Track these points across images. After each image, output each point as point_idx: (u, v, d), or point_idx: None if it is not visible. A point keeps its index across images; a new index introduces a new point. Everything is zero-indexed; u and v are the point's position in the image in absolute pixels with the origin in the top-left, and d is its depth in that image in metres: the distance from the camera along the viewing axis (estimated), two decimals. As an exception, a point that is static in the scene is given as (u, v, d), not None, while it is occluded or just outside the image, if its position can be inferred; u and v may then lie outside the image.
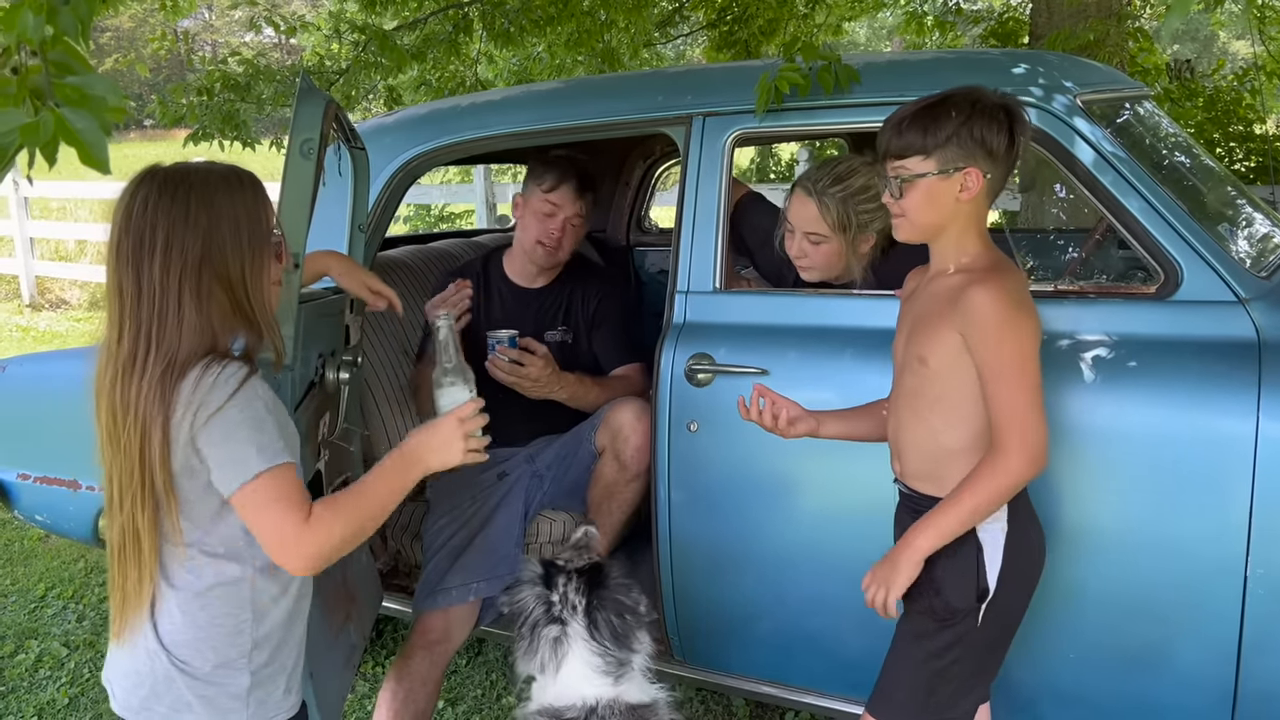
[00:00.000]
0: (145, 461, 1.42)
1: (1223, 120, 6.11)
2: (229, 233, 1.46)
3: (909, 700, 1.81)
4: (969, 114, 1.68)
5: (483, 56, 7.10)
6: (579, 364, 2.89)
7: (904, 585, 1.72)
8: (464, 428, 1.63)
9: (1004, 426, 1.64)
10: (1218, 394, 1.85)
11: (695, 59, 12.95)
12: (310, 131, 1.90)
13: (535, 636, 1.81)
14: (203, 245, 1.43)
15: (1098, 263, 2.68)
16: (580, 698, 1.76)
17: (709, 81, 2.61)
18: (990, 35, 6.81)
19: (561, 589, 1.84)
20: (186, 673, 1.51)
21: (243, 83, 5.33)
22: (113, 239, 1.44)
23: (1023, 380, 1.63)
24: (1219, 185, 2.55)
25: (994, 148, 1.68)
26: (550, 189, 2.82)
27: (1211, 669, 1.90)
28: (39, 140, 0.91)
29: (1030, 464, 1.64)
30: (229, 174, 1.51)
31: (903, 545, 1.73)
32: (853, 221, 2.40)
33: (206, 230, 1.44)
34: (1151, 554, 1.91)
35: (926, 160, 1.70)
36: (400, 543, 2.88)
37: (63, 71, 0.96)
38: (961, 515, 1.68)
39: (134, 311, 1.42)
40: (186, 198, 1.43)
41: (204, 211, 1.44)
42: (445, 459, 1.63)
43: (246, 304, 1.48)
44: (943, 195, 1.70)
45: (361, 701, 2.92)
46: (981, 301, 1.64)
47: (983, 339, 1.65)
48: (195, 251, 1.43)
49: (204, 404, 1.41)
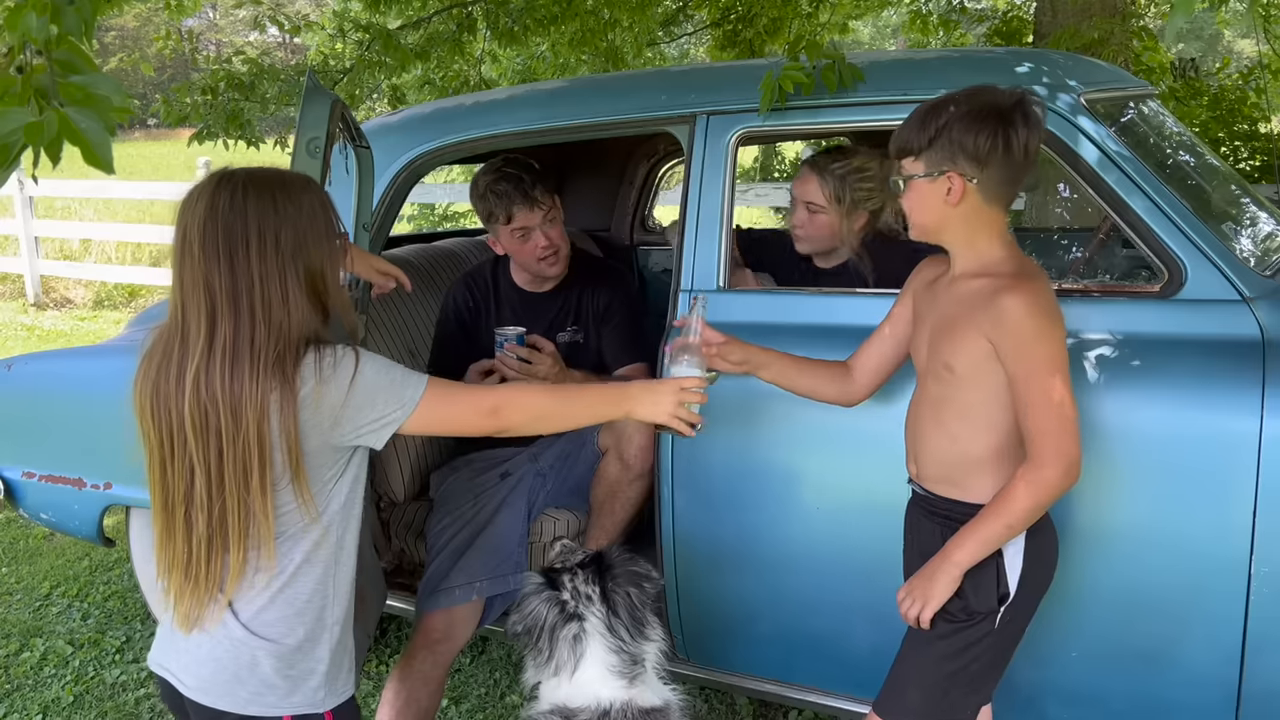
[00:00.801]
0: (263, 445, 1.46)
1: (1227, 119, 6.10)
2: (309, 225, 1.53)
3: (922, 701, 1.80)
4: (954, 117, 1.65)
5: (487, 56, 7.10)
6: (588, 363, 2.89)
7: (941, 599, 1.72)
8: (682, 395, 1.77)
9: (1038, 438, 1.63)
10: (1222, 393, 1.85)
11: (699, 59, 12.94)
12: (316, 130, 1.91)
13: (554, 641, 1.80)
14: (294, 236, 1.51)
15: (1102, 262, 2.68)
16: (595, 699, 1.76)
17: (713, 80, 2.61)
18: (994, 34, 6.80)
19: (570, 585, 1.84)
20: (273, 653, 1.57)
21: (247, 82, 5.32)
22: (192, 237, 1.49)
23: (1055, 390, 1.62)
24: (1223, 184, 2.55)
25: (977, 152, 1.63)
26: (508, 220, 2.75)
27: (1215, 667, 1.90)
28: (43, 140, 0.91)
29: (1065, 475, 1.62)
30: (299, 176, 1.63)
31: (941, 560, 1.72)
32: (847, 196, 2.60)
33: (295, 222, 1.51)
34: (1156, 553, 1.91)
35: (916, 161, 1.70)
36: (404, 541, 2.89)
37: (67, 71, 0.96)
38: (1000, 530, 1.67)
39: (231, 302, 1.47)
40: (272, 194, 1.51)
41: (290, 205, 1.51)
42: (653, 413, 1.77)
43: (325, 290, 1.56)
44: (931, 197, 1.70)
45: (365, 700, 2.92)
46: (1015, 310, 1.62)
47: (1016, 348, 1.63)
48: (289, 241, 1.50)
49: (335, 380, 1.49)
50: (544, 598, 1.83)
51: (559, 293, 2.92)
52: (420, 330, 3.08)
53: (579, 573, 1.86)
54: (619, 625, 1.79)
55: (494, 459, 2.81)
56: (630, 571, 1.87)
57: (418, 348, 3.05)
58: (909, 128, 1.71)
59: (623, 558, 1.90)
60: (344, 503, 1.60)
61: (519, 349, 2.63)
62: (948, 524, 1.77)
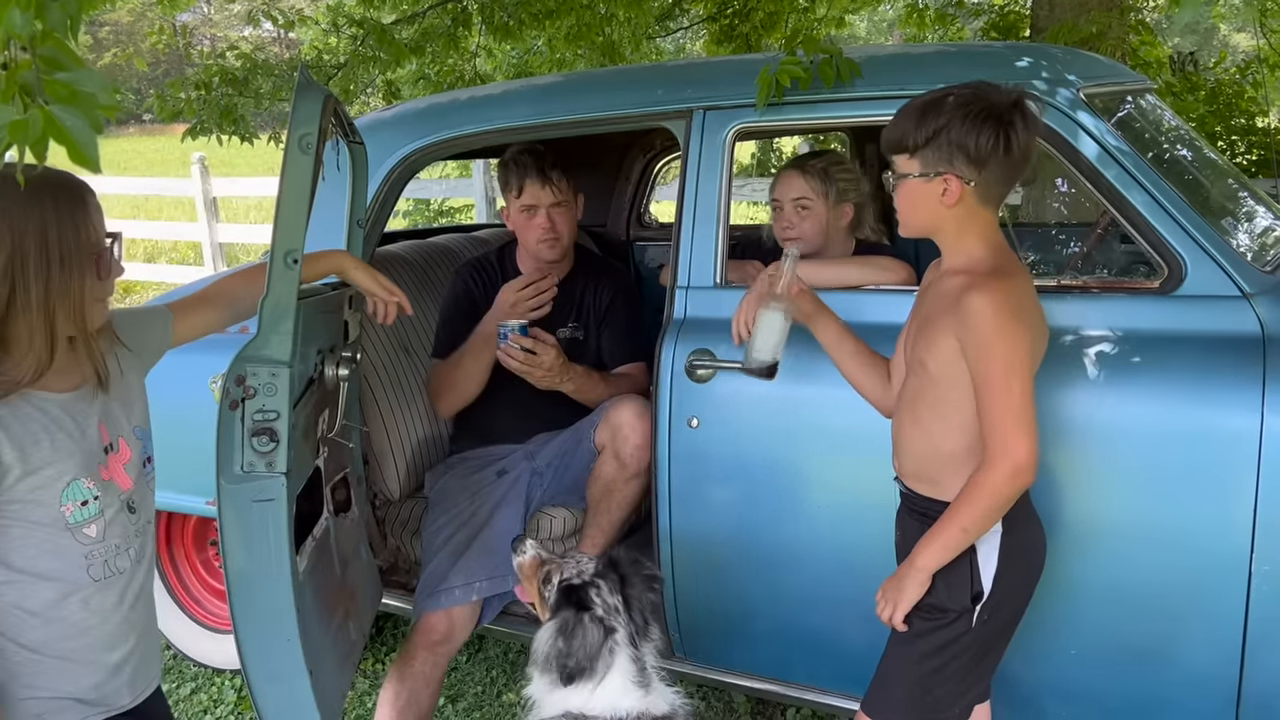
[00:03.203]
0: None
1: (1224, 113, 6.09)
2: (33, 247, 1.42)
3: (904, 699, 1.80)
4: (953, 117, 1.62)
5: (481, 50, 7.08)
6: (587, 361, 2.88)
7: (911, 602, 1.73)
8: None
9: (988, 437, 1.62)
10: (1222, 389, 1.84)
11: (695, 54, 12.92)
12: (309, 126, 1.88)
13: (595, 658, 1.77)
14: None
15: (1100, 257, 2.67)
16: (613, 709, 1.75)
17: (709, 75, 2.59)
18: (991, 29, 6.78)
19: (599, 600, 1.82)
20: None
21: (241, 77, 5.31)
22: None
23: (1009, 391, 1.59)
24: (1222, 179, 2.54)
25: (977, 153, 1.61)
26: (519, 192, 2.80)
27: (1216, 666, 1.89)
28: (28, 138, 0.90)
29: (1013, 477, 1.60)
30: (43, 181, 1.40)
31: (908, 564, 1.73)
32: (833, 186, 2.66)
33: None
34: (1155, 551, 1.90)
35: (911, 160, 1.67)
36: (400, 539, 2.87)
37: (53, 68, 0.94)
38: (956, 534, 1.67)
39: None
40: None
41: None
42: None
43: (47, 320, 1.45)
44: (925, 198, 1.67)
45: (361, 699, 2.91)
46: (977, 307, 1.61)
47: (976, 346, 1.62)
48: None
49: None
50: (585, 623, 1.79)
51: (561, 288, 2.91)
52: (415, 327, 3.06)
53: (601, 585, 1.84)
54: (636, 633, 1.79)
55: (490, 456, 2.80)
56: (644, 576, 1.86)
57: (412, 345, 3.04)
58: (904, 124, 1.68)
59: (631, 560, 1.89)
60: None
61: (524, 340, 2.62)
62: (925, 522, 1.77)
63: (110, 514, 1.55)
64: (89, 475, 1.53)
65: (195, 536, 3.21)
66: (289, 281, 1.86)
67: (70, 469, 1.50)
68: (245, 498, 1.86)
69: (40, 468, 1.47)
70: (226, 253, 9.13)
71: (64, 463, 1.50)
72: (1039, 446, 1.62)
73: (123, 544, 1.58)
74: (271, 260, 1.86)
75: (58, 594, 1.51)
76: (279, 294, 1.86)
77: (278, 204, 1.87)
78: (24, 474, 1.45)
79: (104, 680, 1.58)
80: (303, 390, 2.00)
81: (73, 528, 1.50)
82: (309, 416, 2.07)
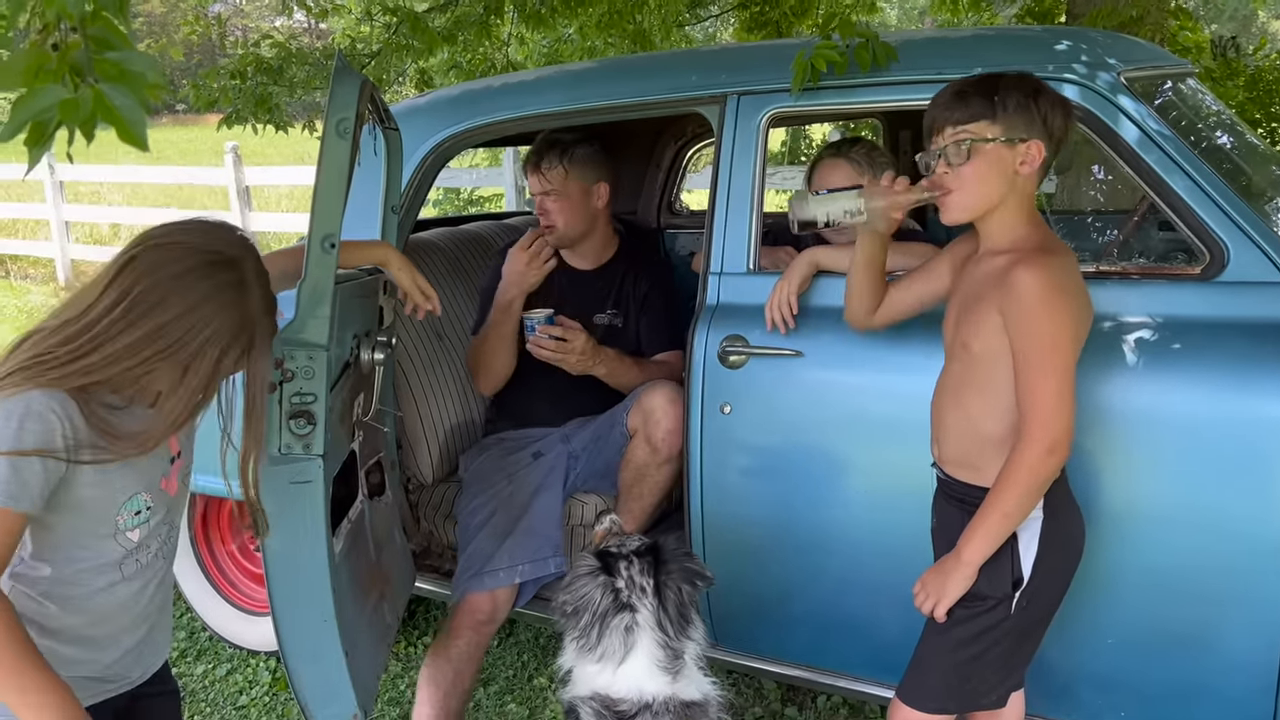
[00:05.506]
0: None
1: (1264, 100, 5.98)
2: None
3: (941, 686, 1.79)
4: (1036, 90, 1.67)
5: (513, 38, 7.08)
6: (624, 347, 2.87)
7: (955, 596, 1.72)
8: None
9: (1025, 414, 1.62)
10: (1264, 376, 1.82)
11: (725, 41, 12.86)
12: (346, 111, 1.89)
13: (604, 627, 1.77)
14: None
15: (1138, 244, 2.64)
16: (639, 692, 1.75)
17: (744, 60, 2.58)
18: (1026, 14, 6.69)
19: (625, 573, 1.82)
20: None
21: (275, 66, 5.33)
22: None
23: (1049, 366, 1.60)
24: (1264, 164, 2.50)
25: (1054, 129, 1.67)
26: (527, 178, 2.86)
27: (1255, 652, 1.87)
28: (79, 117, 0.91)
29: (1050, 453, 1.60)
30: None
31: (953, 559, 1.71)
32: (878, 172, 2.56)
33: None
34: (1196, 537, 1.88)
35: (994, 125, 1.67)
36: (433, 523, 2.89)
37: (102, 47, 0.95)
38: (999, 520, 1.66)
39: None
40: None
41: None
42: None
43: None
44: (1003, 164, 1.68)
45: (394, 681, 2.93)
46: (1024, 281, 1.61)
47: (1020, 321, 1.62)
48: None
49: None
50: (599, 582, 1.80)
51: (602, 272, 2.92)
52: (448, 313, 3.07)
53: (634, 561, 1.83)
54: (667, 621, 1.78)
55: (526, 439, 2.81)
56: (685, 568, 1.84)
57: (445, 331, 3.05)
58: (978, 94, 1.68)
59: (679, 552, 1.88)
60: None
61: (553, 329, 2.62)
62: (963, 508, 1.76)
63: (155, 521, 1.58)
64: (149, 490, 1.55)
65: (231, 520, 3.25)
66: (326, 266, 1.87)
67: (136, 484, 1.53)
68: (283, 479, 1.88)
69: (112, 481, 1.49)
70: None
71: (133, 478, 1.52)
72: (1075, 431, 1.61)
73: (156, 545, 1.60)
74: (309, 244, 1.87)
75: (88, 589, 1.52)
76: (316, 278, 1.87)
77: (315, 189, 1.88)
78: (95, 483, 1.46)
79: (117, 659, 1.60)
80: (339, 374, 2.02)
81: (119, 532, 1.52)
82: (345, 400, 2.09)
